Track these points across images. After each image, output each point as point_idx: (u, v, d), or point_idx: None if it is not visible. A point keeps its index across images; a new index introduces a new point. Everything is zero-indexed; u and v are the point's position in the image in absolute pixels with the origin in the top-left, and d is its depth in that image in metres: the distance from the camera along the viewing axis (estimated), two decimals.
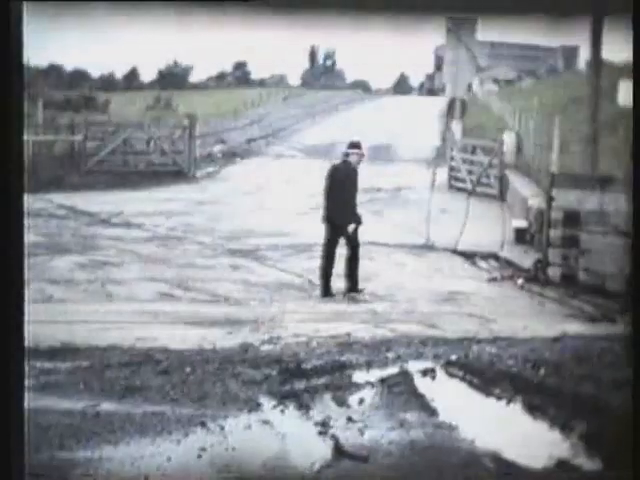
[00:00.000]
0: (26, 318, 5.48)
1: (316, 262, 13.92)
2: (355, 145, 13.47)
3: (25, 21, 5.54)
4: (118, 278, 14.10)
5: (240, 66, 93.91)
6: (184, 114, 33.82)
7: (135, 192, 25.56)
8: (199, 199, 24.39)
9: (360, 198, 13.92)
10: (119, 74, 75.06)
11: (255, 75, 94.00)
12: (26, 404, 5.56)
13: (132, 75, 77.59)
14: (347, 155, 13.42)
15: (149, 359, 8.92)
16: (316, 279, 13.88)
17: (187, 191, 26.28)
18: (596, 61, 19.30)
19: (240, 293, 13.38)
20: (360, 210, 13.63)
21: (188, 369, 8.59)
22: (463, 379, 8.63)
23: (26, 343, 5.52)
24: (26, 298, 5.47)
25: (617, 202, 12.79)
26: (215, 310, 12.04)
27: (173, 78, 74.40)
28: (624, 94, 20.32)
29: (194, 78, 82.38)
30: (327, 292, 13.32)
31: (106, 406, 7.60)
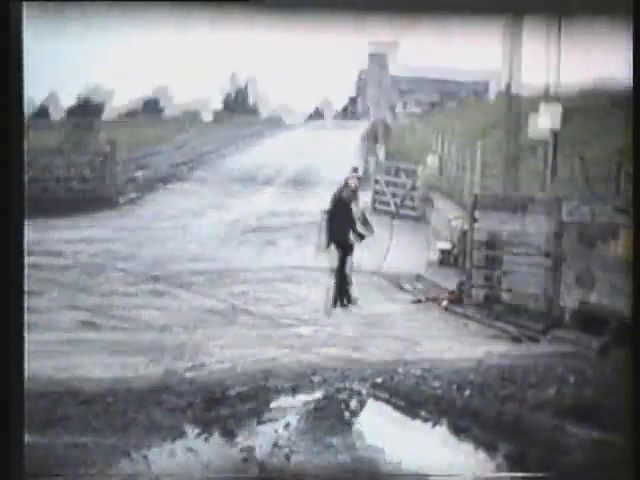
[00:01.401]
0: None
1: (240, 287, 13.81)
2: (354, 170, 15.37)
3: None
4: (38, 307, 13.81)
5: (151, 102, 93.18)
6: (105, 140, 33.43)
7: (55, 219, 25.13)
8: (121, 225, 24.05)
9: (284, 222, 13.90)
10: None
11: (170, 111, 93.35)
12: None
13: (42, 112, 76.58)
14: (347, 180, 14.84)
15: (70, 389, 8.73)
16: (240, 304, 13.81)
17: (109, 217, 25.91)
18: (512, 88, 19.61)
19: (163, 320, 13.20)
20: (284, 234, 13.62)
21: (110, 398, 8.43)
22: (389, 402, 8.61)
23: None
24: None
25: (538, 223, 12.90)
26: (138, 337, 11.84)
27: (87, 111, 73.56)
28: (533, 127, 20.64)
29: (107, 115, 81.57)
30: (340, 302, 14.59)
31: (26, 438, 7.41)
